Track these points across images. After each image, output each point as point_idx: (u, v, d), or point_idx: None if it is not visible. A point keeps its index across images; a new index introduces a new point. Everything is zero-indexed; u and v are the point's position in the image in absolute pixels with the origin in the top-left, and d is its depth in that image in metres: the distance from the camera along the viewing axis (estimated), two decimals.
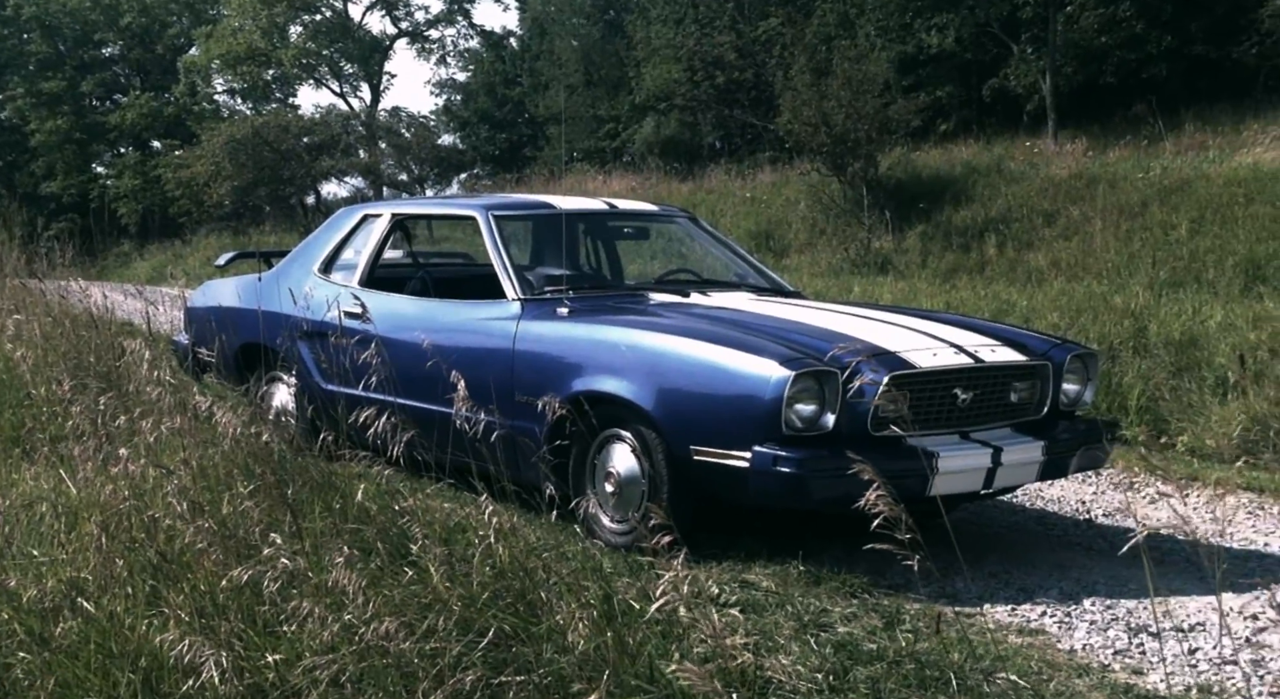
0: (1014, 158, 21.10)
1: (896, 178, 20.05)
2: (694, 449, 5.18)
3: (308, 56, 38.35)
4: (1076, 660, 4.39)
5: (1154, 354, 10.53)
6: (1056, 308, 12.34)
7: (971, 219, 18.52)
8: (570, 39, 40.19)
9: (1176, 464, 8.39)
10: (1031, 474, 5.56)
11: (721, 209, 21.61)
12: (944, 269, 17.08)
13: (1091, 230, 17.16)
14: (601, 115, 37.70)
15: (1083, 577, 5.45)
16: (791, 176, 21.53)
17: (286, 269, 7.41)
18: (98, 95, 47.23)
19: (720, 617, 4.46)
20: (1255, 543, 6.29)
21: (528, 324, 5.86)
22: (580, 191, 25.86)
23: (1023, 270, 16.53)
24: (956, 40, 22.95)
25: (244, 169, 29.45)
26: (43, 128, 44.59)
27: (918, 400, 5.28)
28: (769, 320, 5.70)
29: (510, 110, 44.89)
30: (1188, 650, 4.51)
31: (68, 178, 44.84)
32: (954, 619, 4.85)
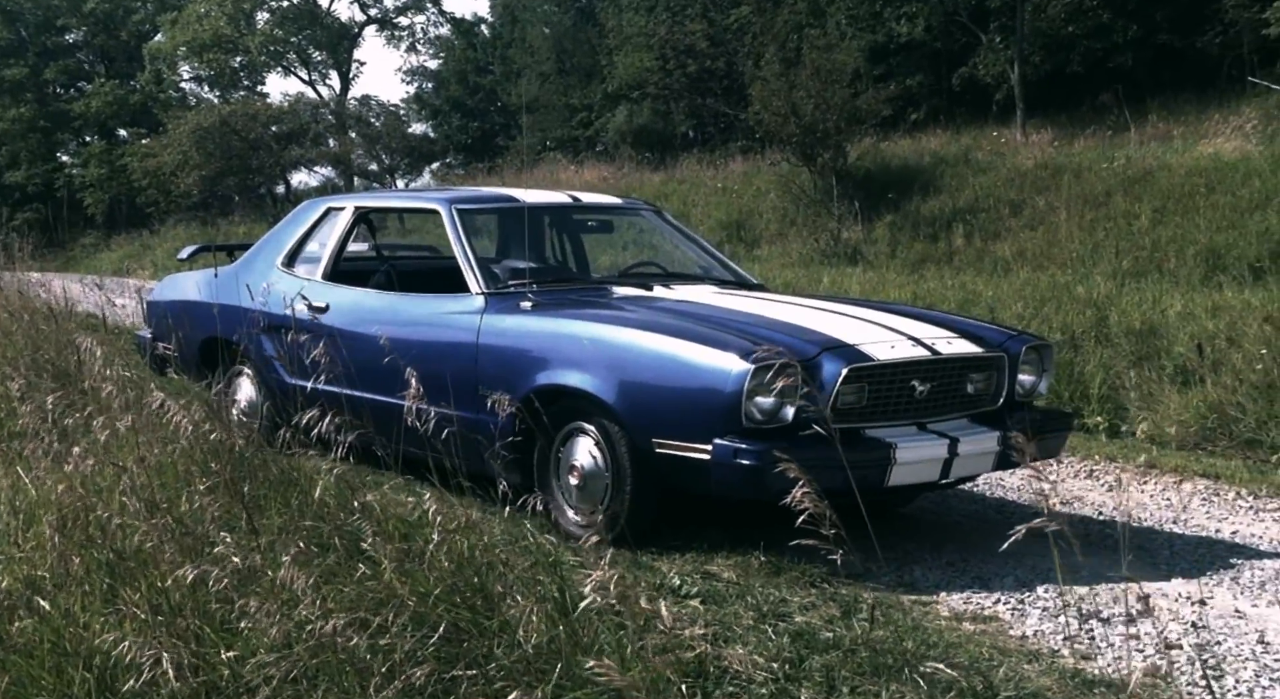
0: (982, 148, 21.24)
1: (866, 168, 20.14)
2: (656, 442, 5.23)
3: (275, 43, 38.17)
4: (1027, 647, 4.47)
5: (1115, 343, 10.65)
6: (1021, 298, 12.46)
7: (939, 209, 18.63)
8: (542, 26, 40.15)
9: (1135, 452, 8.49)
10: (988, 464, 5.64)
11: (693, 199, 21.67)
12: (912, 259, 17.19)
13: (1056, 220, 17.30)
14: (574, 104, 37.68)
15: (1037, 564, 5.52)
16: (763, 167, 21.61)
17: (249, 263, 7.41)
18: (61, 83, 46.86)
19: (679, 608, 4.54)
20: (1207, 528, 6.39)
21: (491, 318, 5.89)
22: (552, 182, 25.86)
23: (989, 260, 16.66)
24: (926, 29, 23.08)
25: (211, 158, 29.30)
26: (5, 116, 44.19)
27: (876, 392, 5.35)
28: (731, 313, 5.75)
29: (482, 98, 44.80)
30: (1134, 636, 4.59)
31: (31, 167, 44.47)
32: (910, 607, 4.93)
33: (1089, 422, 9.57)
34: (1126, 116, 19.93)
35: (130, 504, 3.60)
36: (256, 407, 7.12)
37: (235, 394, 7.27)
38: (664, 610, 4.35)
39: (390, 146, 26.23)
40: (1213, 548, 5.97)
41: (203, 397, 5.47)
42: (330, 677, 2.96)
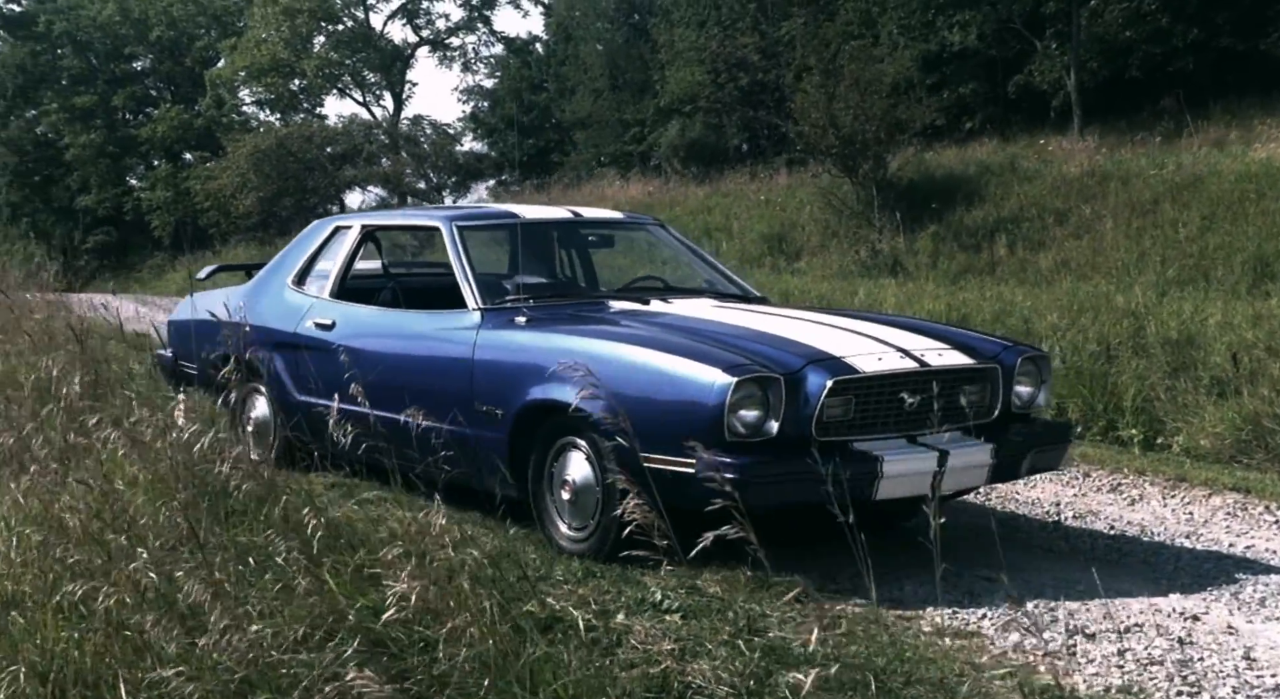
0: (1030, 156, 21.03)
1: (909, 178, 20.03)
2: (643, 456, 5.23)
3: (330, 66, 38.65)
4: (1005, 662, 4.43)
5: (1151, 354, 10.51)
6: (1058, 308, 12.33)
7: (983, 219, 18.48)
8: (595, 43, 40.30)
9: (1167, 465, 8.38)
10: (981, 477, 5.60)
11: (735, 212, 21.66)
12: (954, 270, 17.06)
13: (1102, 229, 17.10)
14: (627, 119, 37.80)
15: (1032, 578, 5.48)
16: (806, 179, 21.56)
17: (262, 282, 7.53)
18: (129, 109, 47.76)
19: (656, 623, 4.54)
20: (1221, 543, 6.30)
21: (487, 333, 5.94)
22: (598, 197, 25.96)
23: (1032, 270, 16.49)
24: (979, 37, 22.87)
25: (269, 180, 29.72)
26: (76, 142, 45.13)
27: (864, 405, 5.33)
28: (721, 327, 5.75)
29: (537, 116, 45.12)
30: (1118, 651, 4.53)
31: (102, 191, 45.38)
32: (893, 622, 4.91)
33: (1123, 434, 9.45)
34: (1188, 121, 19.63)
35: (74, 523, 3.66)
36: (269, 424, 7.21)
37: (249, 411, 7.38)
38: (637, 626, 4.40)
39: (438, 165, 26.43)
40: (1221, 562, 5.89)
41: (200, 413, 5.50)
42: (269, 691, 2.99)
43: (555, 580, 5.07)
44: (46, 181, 48.04)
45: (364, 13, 40.67)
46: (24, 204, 48.34)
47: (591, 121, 38.93)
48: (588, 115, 38.84)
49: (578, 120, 39.47)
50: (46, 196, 48.08)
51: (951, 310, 12.91)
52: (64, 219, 48.07)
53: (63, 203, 47.41)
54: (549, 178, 36.30)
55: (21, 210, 48.42)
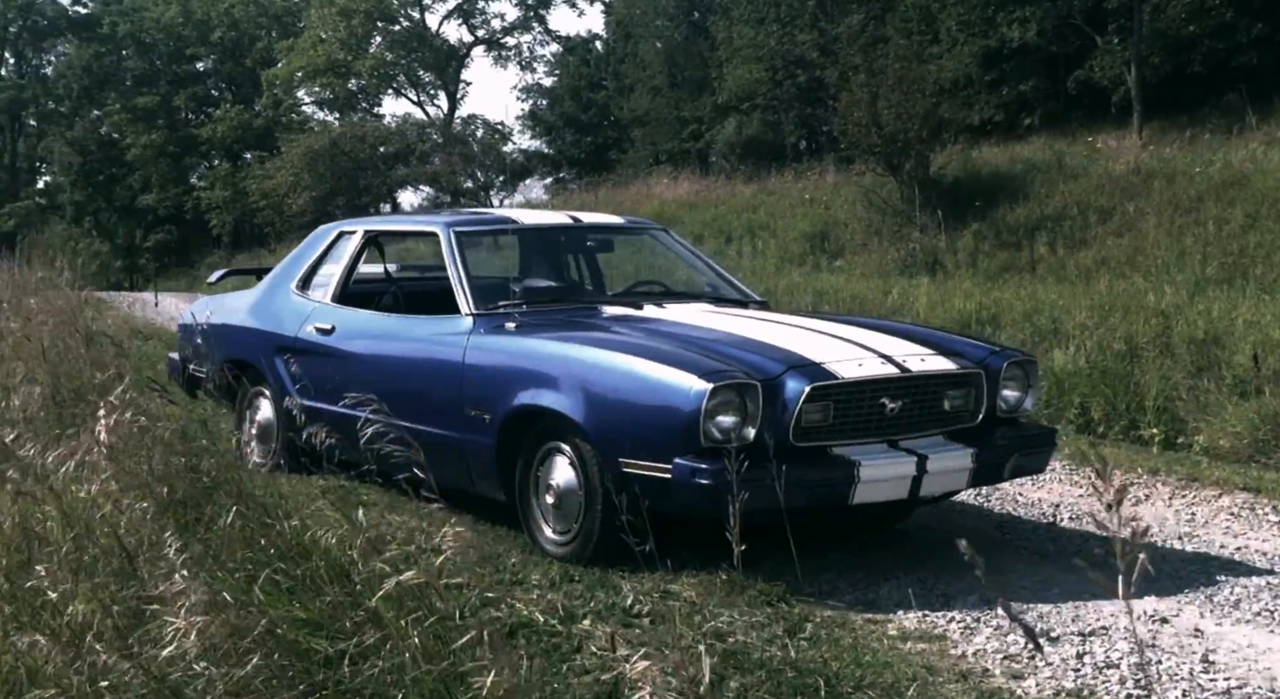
0: (1078, 153, 20.85)
1: (954, 176, 19.95)
2: (622, 461, 5.32)
3: (385, 67, 39.02)
4: (961, 666, 4.47)
5: (1176, 353, 10.46)
6: (1089, 307, 12.26)
7: (1026, 217, 18.38)
8: (654, 41, 40.35)
9: (1182, 465, 8.36)
10: (962, 481, 5.63)
11: (780, 211, 21.66)
12: (993, 269, 16.99)
13: (1145, 227, 16.97)
14: (684, 116, 37.83)
15: (1010, 581, 5.50)
16: (853, 177, 21.52)
17: (269, 286, 7.68)
18: (190, 109, 48.51)
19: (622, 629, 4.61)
20: (1214, 545, 6.29)
21: (477, 338, 6.04)
22: (645, 195, 26.06)
23: (1072, 269, 16.40)
24: (1039, 33, 22.69)
25: (322, 179, 30.07)
26: (138, 142, 45.89)
27: (844, 410, 5.38)
28: (708, 333, 5.82)
29: (595, 113, 45.32)
30: (1077, 655, 4.57)
31: (163, 190, 46.10)
32: (861, 626, 4.96)
33: (1144, 433, 9.42)
34: (1250, 117, 19.35)
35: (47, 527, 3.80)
36: (273, 427, 7.36)
37: (255, 415, 7.54)
38: (599, 631, 4.49)
39: (485, 164, 26.62)
40: (1206, 564, 5.88)
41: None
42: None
43: (530, 584, 5.15)
44: (110, 181, 48.91)
45: (420, 13, 41.04)
46: (88, 203, 49.24)
47: (649, 119, 39.00)
48: (645, 112, 38.93)
49: (635, 118, 39.59)
50: (110, 196, 48.96)
51: (982, 310, 12.90)
52: (126, 218, 48.91)
53: (124, 202, 48.24)
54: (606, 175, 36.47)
55: (85, 209, 49.32)
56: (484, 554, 5.59)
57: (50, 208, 53.04)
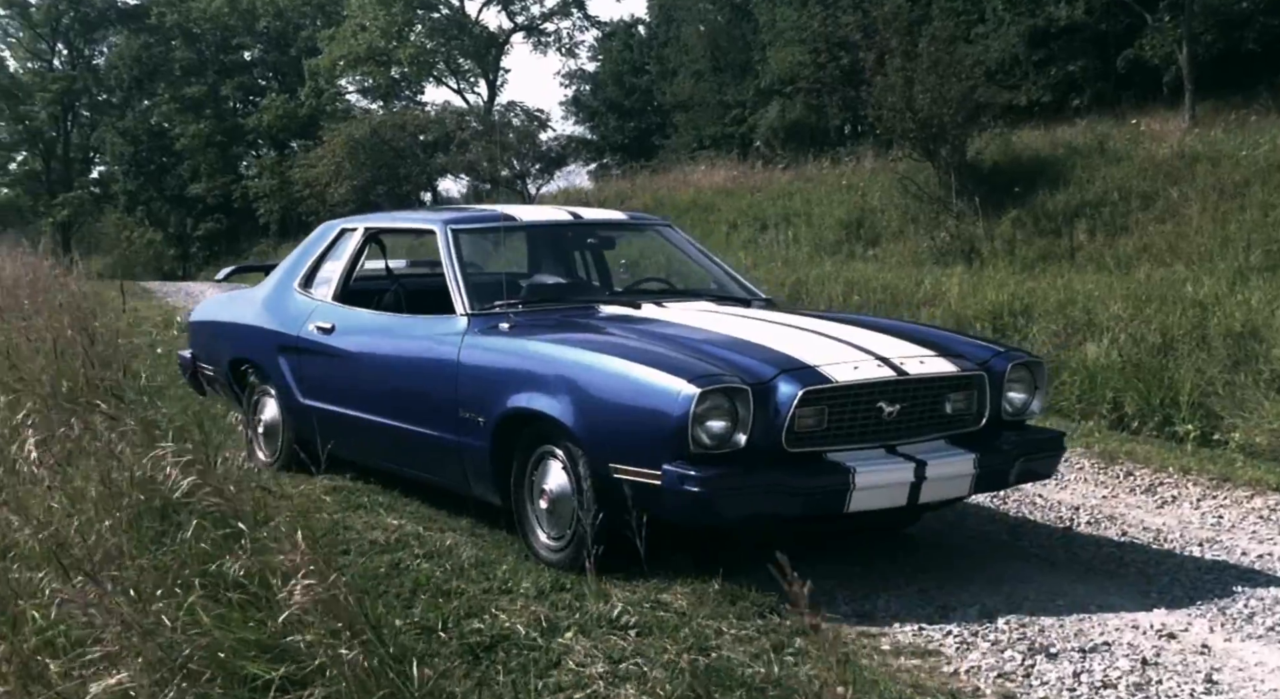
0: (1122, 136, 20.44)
1: (993, 161, 19.63)
2: (613, 466, 5.19)
3: (425, 54, 39.00)
4: (952, 685, 4.31)
5: (1212, 346, 10.20)
6: (1125, 297, 11.99)
7: (1066, 203, 18.04)
8: (697, 24, 40.11)
9: (1215, 463, 8.13)
10: (963, 487, 5.45)
11: (816, 198, 21.43)
12: (1031, 257, 16.68)
13: (1188, 213, 16.61)
14: (727, 101, 37.59)
15: (1014, 592, 5.33)
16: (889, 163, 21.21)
17: (272, 284, 7.60)
18: (238, 98, 48.75)
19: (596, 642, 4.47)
20: (1235, 551, 6.09)
21: (472, 339, 5.92)
22: (682, 182, 25.89)
23: (1112, 257, 16.07)
24: (1087, 11, 22.24)
25: (363, 168, 30.09)
26: (186, 132, 46.19)
27: (839, 414, 5.22)
28: (703, 334, 5.67)
29: (638, 98, 45.12)
30: (1074, 673, 4.40)
31: (211, 180, 46.35)
32: (856, 639, 4.81)
33: (1179, 430, 9.19)
34: None
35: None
36: (278, 426, 7.29)
37: (260, 414, 7.47)
38: (577, 646, 4.37)
39: (520, 153, 26.50)
40: (1224, 573, 5.69)
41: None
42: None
43: (518, 593, 5.03)
44: (160, 170, 49.24)
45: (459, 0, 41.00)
46: (140, 193, 49.57)
47: (692, 104, 38.78)
48: (688, 97, 38.71)
49: (678, 102, 39.37)
50: (160, 185, 49.29)
51: (1015, 300, 12.64)
52: (177, 207, 49.26)
53: (175, 191, 48.58)
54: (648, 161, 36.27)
55: (138, 199, 49.66)
56: (477, 559, 5.48)
57: (104, 197, 53.54)
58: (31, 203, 52.46)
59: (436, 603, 4.84)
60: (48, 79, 50.41)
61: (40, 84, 50.19)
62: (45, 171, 52.19)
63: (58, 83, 50.11)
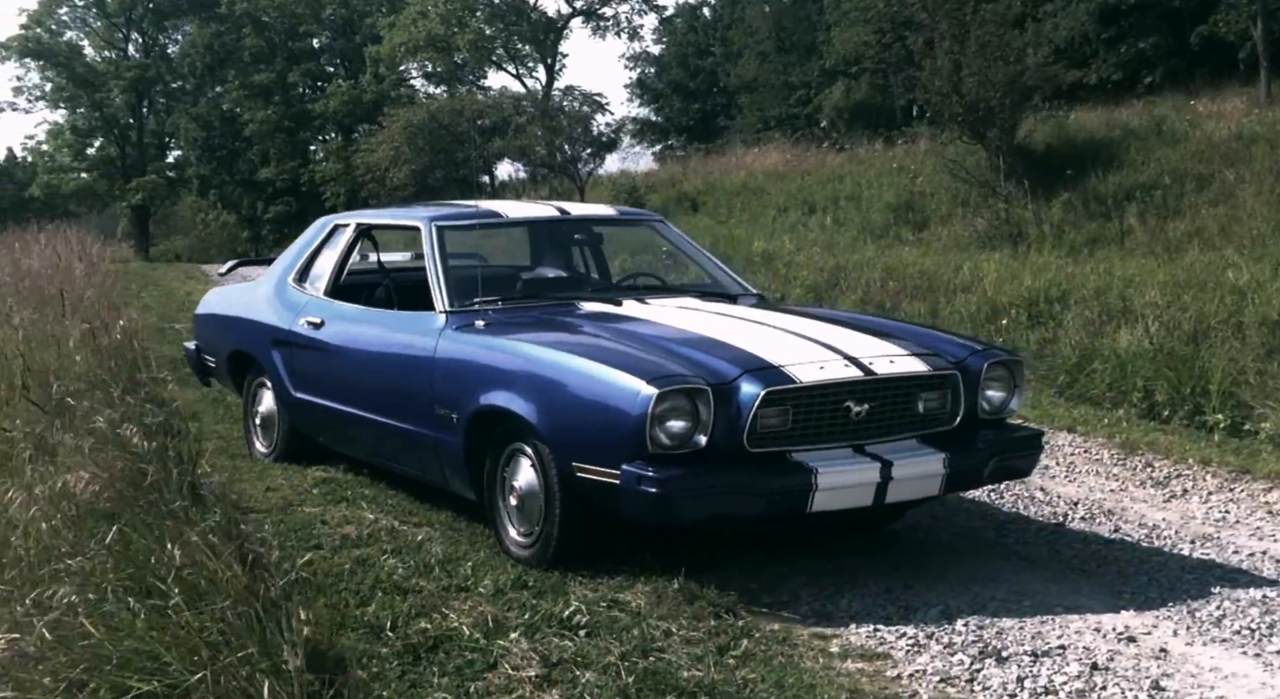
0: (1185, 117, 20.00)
1: (1046, 144, 19.33)
2: (576, 465, 5.19)
3: (483, 40, 39.11)
4: (890, 690, 4.26)
5: (1246, 334, 9.99)
6: (1163, 283, 11.77)
7: (1119, 186, 17.72)
8: (762, 5, 39.91)
9: (1238, 455, 7.98)
10: (933, 487, 5.37)
11: (866, 181, 21.22)
12: (1081, 241, 16.41)
13: (1243, 196, 16.24)
14: (792, 82, 37.38)
15: (983, 592, 5.26)
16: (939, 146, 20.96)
17: (268, 278, 7.66)
18: (305, 85, 49.28)
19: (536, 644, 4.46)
20: (1228, 548, 5.97)
21: (449, 336, 5.93)
22: (735, 165, 25.78)
23: (1162, 241, 15.76)
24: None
25: (421, 153, 30.26)
26: (255, 117, 46.79)
27: (804, 415, 5.18)
28: (675, 333, 5.62)
29: (703, 80, 45.01)
30: (1018, 678, 4.33)
31: (280, 164, 46.95)
32: (808, 641, 4.76)
33: (1209, 419, 9.02)
34: None
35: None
36: (275, 418, 7.37)
37: (257, 406, 7.55)
38: (515, 648, 4.37)
39: (573, 138, 26.49)
40: (1207, 573, 5.58)
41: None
42: None
43: (476, 592, 5.04)
44: (231, 155, 49.93)
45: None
46: (213, 176, 50.31)
47: (757, 85, 38.61)
48: (753, 79, 38.54)
49: (743, 84, 39.21)
50: (232, 169, 50.02)
51: (1052, 287, 12.46)
52: (249, 190, 49.96)
53: (245, 175, 49.28)
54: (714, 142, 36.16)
55: (210, 183, 50.40)
56: (444, 556, 5.50)
57: (178, 181, 54.43)
58: (108, 187, 53.36)
59: (392, 601, 4.85)
60: (122, 67, 51.20)
61: (115, 72, 50.99)
62: (120, 157, 53.06)
63: (132, 71, 50.91)
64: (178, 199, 55.61)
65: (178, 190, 54.36)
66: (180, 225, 58.50)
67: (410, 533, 5.85)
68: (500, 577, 5.23)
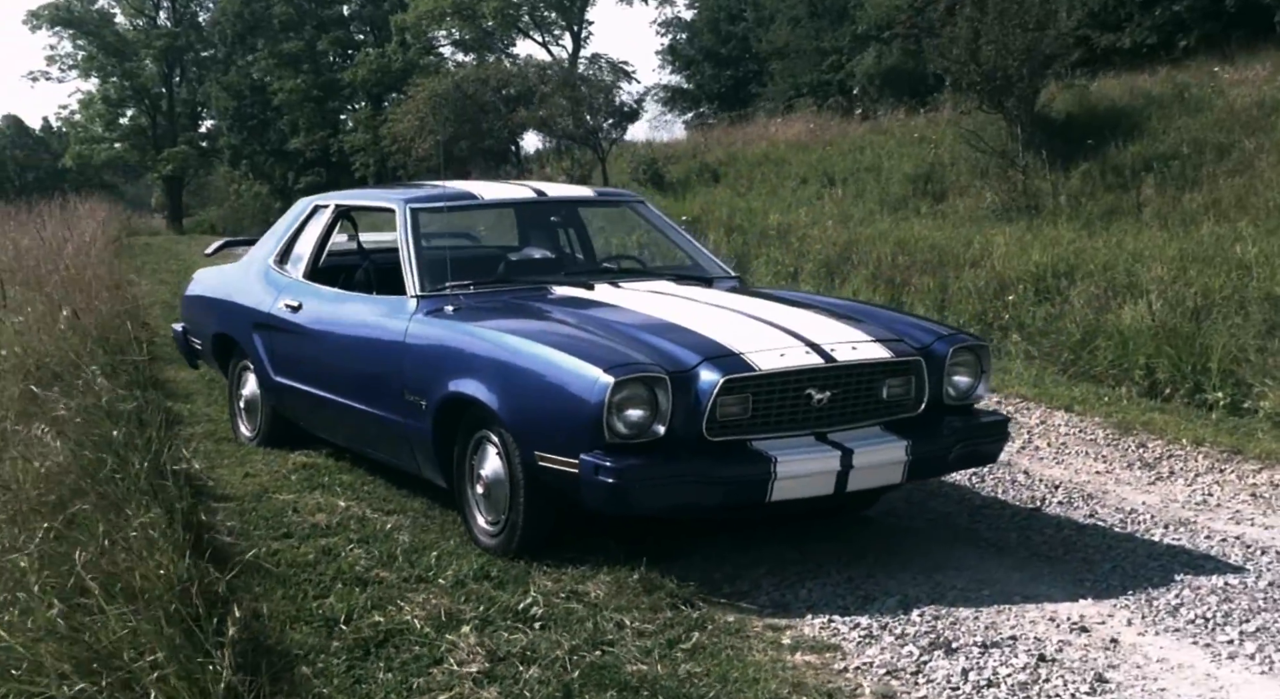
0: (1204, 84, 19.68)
1: (1067, 113, 19.09)
2: (537, 454, 5.19)
3: (509, 8, 38.97)
4: (833, 684, 4.26)
5: (1249, 311, 9.89)
6: (1167, 259, 11.65)
7: (1138, 155, 17.49)
8: None
9: (1231, 435, 7.93)
10: (895, 475, 5.36)
11: (887, 151, 21.04)
12: (1098, 212, 16.20)
13: (1261, 166, 16.00)
14: (824, 47, 37.05)
15: (945, 580, 5.25)
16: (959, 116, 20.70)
17: (250, 260, 7.68)
18: (335, 53, 49.26)
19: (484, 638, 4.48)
20: (1201, 533, 5.96)
21: (419, 321, 5.92)
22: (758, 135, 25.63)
23: (1178, 212, 15.56)
24: None
25: (446, 123, 30.16)
26: (283, 87, 46.82)
27: (764, 402, 5.17)
28: (640, 318, 5.60)
29: (735, 46, 44.68)
30: (963, 670, 4.33)
31: (309, 134, 46.99)
32: (761, 632, 4.77)
33: (1209, 397, 8.96)
34: None
35: None
36: (258, 401, 7.40)
37: (241, 389, 7.58)
38: (462, 642, 4.39)
39: (593, 107, 26.34)
40: (1174, 560, 5.55)
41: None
42: None
43: (434, 583, 5.06)
44: (262, 125, 50.04)
45: None
46: (244, 146, 50.45)
47: (789, 51, 38.27)
48: (785, 45, 38.21)
49: (775, 50, 38.89)
50: (263, 139, 50.12)
51: (1059, 262, 12.35)
52: (280, 160, 50.07)
53: (276, 145, 49.37)
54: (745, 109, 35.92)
55: (241, 153, 50.55)
56: (411, 545, 5.52)
57: (210, 151, 54.64)
58: (139, 158, 53.64)
59: (351, 593, 4.88)
60: (152, 35, 51.43)
61: (145, 40, 51.23)
62: (151, 127, 53.33)
63: (162, 39, 51.12)
64: (211, 169, 55.82)
65: (210, 160, 54.56)
66: (215, 196, 58.74)
67: (380, 521, 5.88)
68: (463, 567, 5.24)
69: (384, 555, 5.36)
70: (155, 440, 5.49)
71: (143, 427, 5.71)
